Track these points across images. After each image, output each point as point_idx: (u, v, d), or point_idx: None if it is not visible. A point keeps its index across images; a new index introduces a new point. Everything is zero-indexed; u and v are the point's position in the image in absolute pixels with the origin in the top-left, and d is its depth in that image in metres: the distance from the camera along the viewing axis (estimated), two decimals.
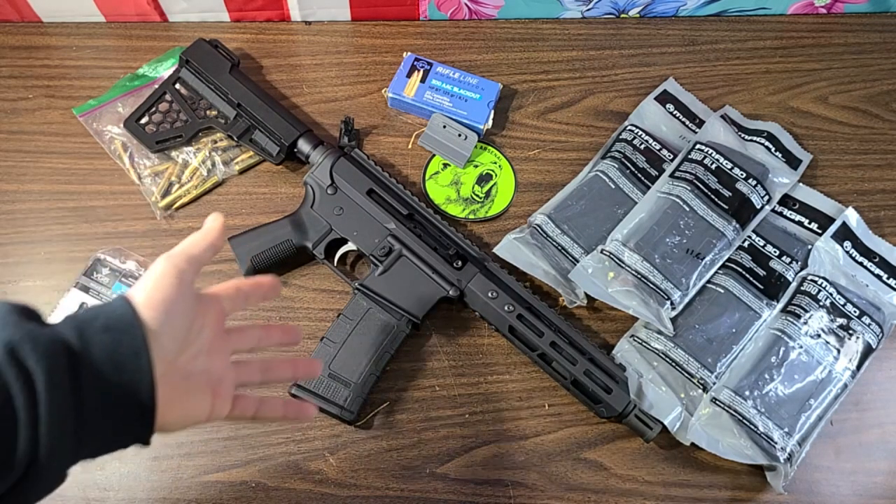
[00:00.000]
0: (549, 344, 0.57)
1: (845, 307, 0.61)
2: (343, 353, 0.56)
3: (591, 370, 0.56)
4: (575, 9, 0.77)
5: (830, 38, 0.80)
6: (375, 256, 0.59)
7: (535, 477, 0.56)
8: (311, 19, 0.75)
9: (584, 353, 0.57)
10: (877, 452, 0.59)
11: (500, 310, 0.57)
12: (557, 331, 0.57)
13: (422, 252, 0.59)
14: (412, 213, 0.61)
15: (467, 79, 0.70)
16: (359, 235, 0.60)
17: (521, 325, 0.57)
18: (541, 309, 0.58)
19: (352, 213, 0.60)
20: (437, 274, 0.58)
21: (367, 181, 0.61)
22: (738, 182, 0.65)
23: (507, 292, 0.58)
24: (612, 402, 0.55)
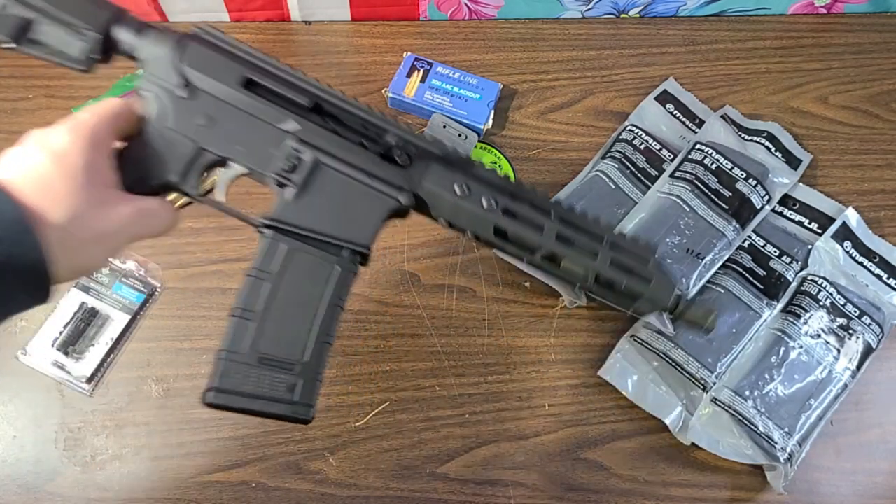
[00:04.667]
0: (554, 237, 0.43)
1: (845, 307, 0.61)
2: (270, 325, 0.39)
3: (618, 258, 0.44)
4: (575, 9, 0.77)
5: (830, 38, 0.80)
6: (280, 175, 0.40)
7: (535, 477, 0.56)
8: (311, 19, 0.75)
9: (601, 238, 0.45)
10: (877, 452, 0.59)
11: (477, 208, 0.42)
12: (560, 219, 0.44)
13: (347, 153, 0.41)
14: (318, 103, 0.42)
15: (467, 79, 0.70)
16: (246, 150, 0.41)
17: (511, 222, 0.43)
18: (530, 195, 0.44)
19: (227, 119, 0.41)
20: (377, 178, 0.41)
21: (239, 67, 0.41)
22: (739, 182, 0.65)
23: (481, 182, 0.43)
24: (656, 293, 0.44)
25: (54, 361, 0.56)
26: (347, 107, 0.42)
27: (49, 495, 0.53)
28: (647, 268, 0.45)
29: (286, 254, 0.40)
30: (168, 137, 0.40)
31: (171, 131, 0.40)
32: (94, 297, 0.58)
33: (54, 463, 0.53)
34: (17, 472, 0.53)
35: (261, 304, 0.39)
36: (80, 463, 0.54)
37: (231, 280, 0.61)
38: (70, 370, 0.56)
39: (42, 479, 0.53)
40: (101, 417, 0.55)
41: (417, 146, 0.43)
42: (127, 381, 0.57)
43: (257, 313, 0.39)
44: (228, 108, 0.41)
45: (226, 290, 0.60)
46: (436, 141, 0.44)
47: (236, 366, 0.38)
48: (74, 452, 0.54)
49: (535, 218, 0.43)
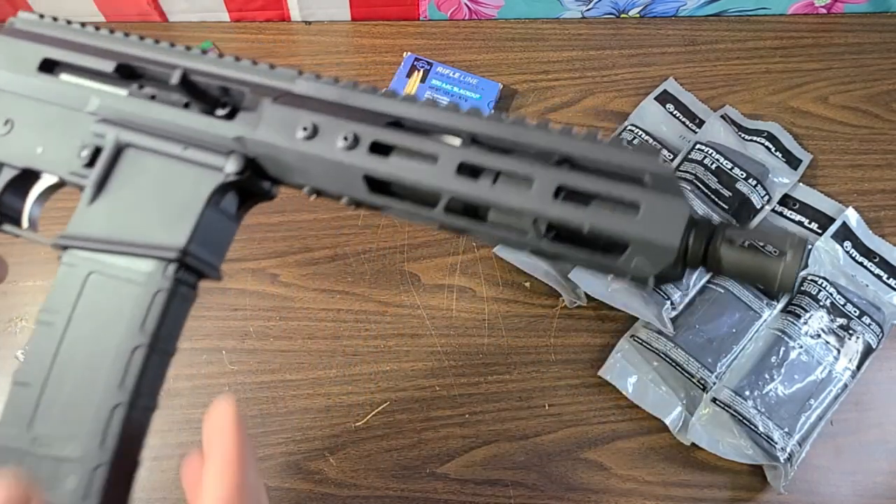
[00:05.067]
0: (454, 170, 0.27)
1: (845, 307, 0.61)
2: (52, 391, 0.27)
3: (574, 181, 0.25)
4: (575, 9, 0.77)
5: (830, 38, 0.80)
6: (74, 173, 0.31)
7: (535, 477, 0.56)
8: (311, 19, 0.75)
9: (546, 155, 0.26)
10: (877, 452, 0.59)
11: (332, 151, 0.28)
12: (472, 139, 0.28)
13: (161, 123, 0.30)
14: (126, 65, 0.31)
15: (467, 79, 0.70)
16: (46, 151, 0.32)
17: (385, 161, 0.28)
18: (417, 110, 0.28)
19: (25, 117, 0.32)
20: (193, 146, 0.29)
21: (39, 48, 0.33)
22: (738, 182, 0.65)
23: (337, 109, 0.29)
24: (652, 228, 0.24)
25: None
26: (170, 59, 0.32)
27: None
28: (631, 188, 0.25)
29: (81, 279, 0.28)
30: None
31: None
32: None
33: None
34: None
35: (46, 361, 0.27)
36: None
37: (232, 280, 0.61)
38: None
39: None
40: None
41: (240, 81, 0.31)
42: None
43: (40, 374, 0.27)
44: (26, 102, 0.33)
45: (226, 290, 0.60)
46: (278, 71, 0.31)
47: (6, 451, 0.26)
48: None
49: (423, 146, 0.27)
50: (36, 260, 0.61)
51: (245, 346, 0.58)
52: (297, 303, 0.61)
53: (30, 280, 0.60)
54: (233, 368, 0.57)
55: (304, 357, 0.58)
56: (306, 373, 0.58)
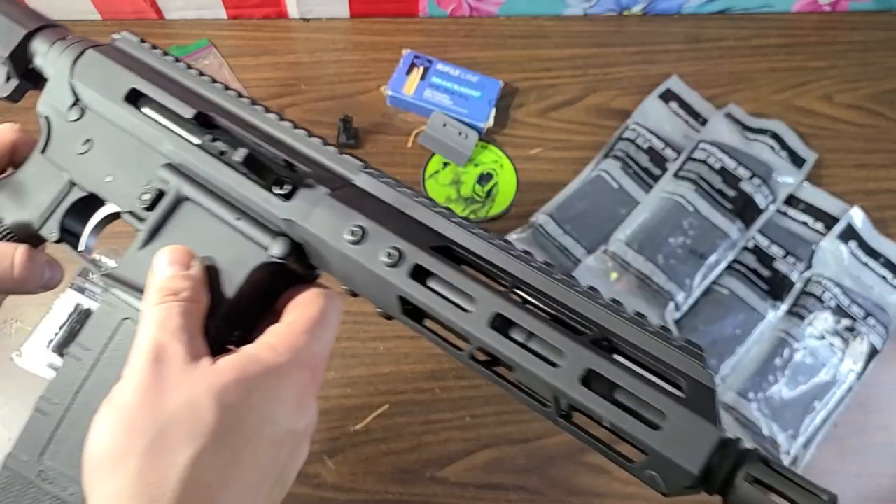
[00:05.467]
0: (487, 322, 0.25)
1: (850, 308, 0.61)
2: (68, 427, 0.28)
3: (604, 370, 0.24)
4: (577, 6, 0.76)
5: (835, 36, 0.79)
6: (133, 213, 0.32)
7: (537, 481, 0.55)
8: (309, 16, 0.74)
9: (588, 326, 0.26)
10: (882, 455, 0.58)
11: (371, 262, 0.27)
12: (516, 286, 0.27)
13: (222, 182, 0.30)
14: (205, 114, 0.31)
15: (468, 76, 0.69)
16: (115, 181, 0.32)
17: (423, 290, 0.27)
18: (469, 241, 0.28)
19: (105, 142, 0.33)
20: (247, 218, 0.30)
21: (129, 77, 0.33)
22: (743, 181, 0.64)
23: (386, 224, 0.28)
24: (672, 449, 0.23)
25: (50, 363, 0.55)
26: (247, 116, 0.32)
27: None
28: (662, 396, 0.23)
29: (116, 323, 0.29)
30: (45, 170, 0.33)
31: (49, 162, 0.33)
32: (89, 298, 0.58)
33: None
34: None
35: (68, 395, 0.28)
36: None
37: None
38: None
39: None
40: None
41: (317, 166, 0.30)
42: None
43: (59, 406, 0.28)
44: (107, 127, 0.33)
45: None
46: (345, 159, 0.31)
47: (15, 477, 0.27)
48: None
49: (464, 285, 0.26)
50: None
51: None
52: None
53: None
54: None
55: None
56: None
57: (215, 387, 0.25)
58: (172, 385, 0.25)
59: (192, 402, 0.24)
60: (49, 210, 0.33)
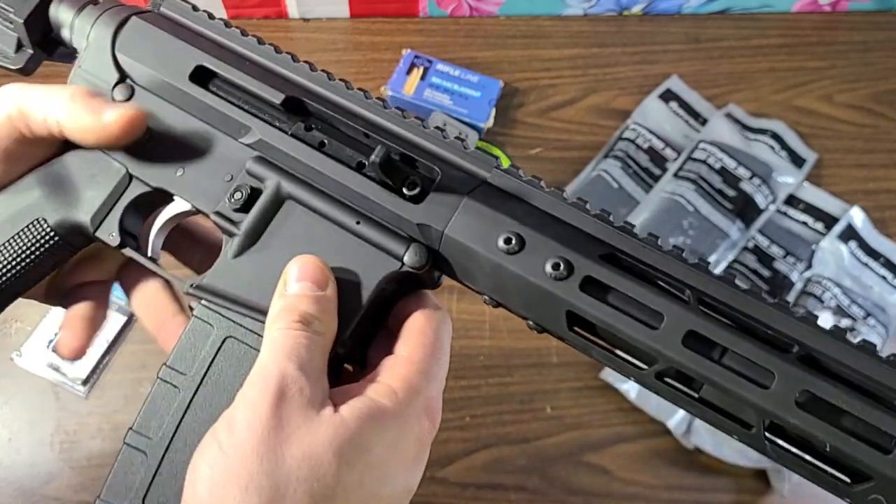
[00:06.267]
0: (681, 339, 0.23)
1: (850, 308, 0.61)
2: (171, 464, 0.25)
3: (822, 389, 0.22)
4: (577, 6, 0.76)
5: (835, 36, 0.79)
6: (223, 214, 0.27)
7: (537, 481, 0.55)
8: (309, 16, 0.74)
9: (788, 344, 0.23)
10: None
11: (535, 275, 0.24)
12: (701, 300, 0.24)
13: (331, 181, 0.27)
14: (297, 99, 0.28)
15: (468, 76, 0.69)
16: (188, 174, 0.28)
17: (600, 306, 0.24)
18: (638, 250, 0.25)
19: (169, 129, 0.29)
20: (370, 222, 0.26)
21: (193, 52, 0.29)
22: (743, 181, 0.64)
23: (546, 226, 0.25)
24: None
25: (49, 363, 0.55)
26: (346, 103, 0.28)
27: (45, 498, 0.52)
28: (889, 417, 0.21)
29: (215, 343, 0.25)
30: (92, 160, 0.29)
31: (89, 153, 0.29)
32: None
33: (50, 466, 0.53)
34: (12, 475, 0.52)
35: (165, 427, 0.25)
36: (76, 465, 0.53)
37: None
38: (65, 372, 0.55)
39: (38, 482, 0.52)
40: (96, 420, 0.54)
41: (445, 163, 0.27)
42: (123, 382, 0.56)
43: (155, 441, 0.25)
44: (173, 112, 0.29)
45: None
46: (472, 158, 0.27)
47: None
48: (70, 455, 0.53)
49: (647, 298, 0.24)
50: None
51: None
52: None
53: None
54: None
55: None
56: None
57: (338, 441, 0.22)
58: (293, 432, 0.21)
59: (313, 456, 0.21)
60: (105, 209, 0.28)
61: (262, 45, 0.30)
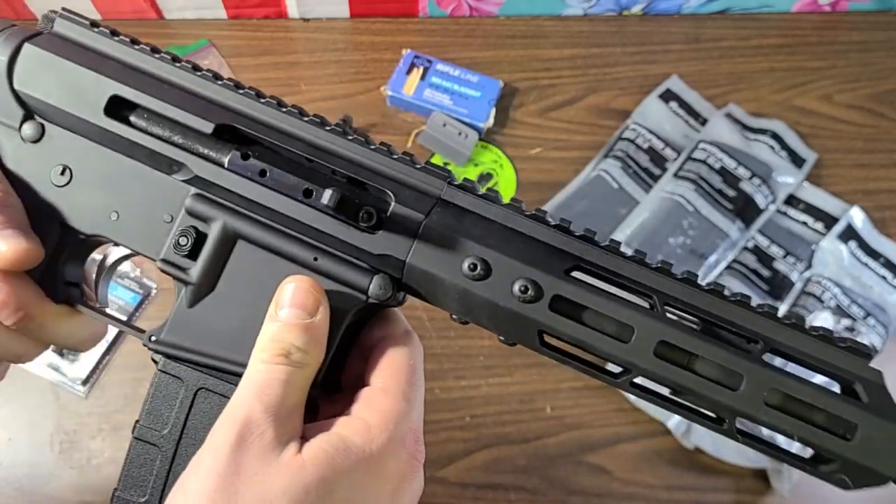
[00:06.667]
0: (651, 349, 0.24)
1: (850, 308, 0.61)
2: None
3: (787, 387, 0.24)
4: (577, 6, 0.76)
5: (835, 36, 0.79)
6: (171, 262, 0.26)
7: (537, 481, 0.55)
8: (309, 16, 0.74)
9: (750, 338, 0.25)
10: None
11: (504, 298, 0.25)
12: (667, 303, 0.25)
13: (280, 215, 0.26)
14: (229, 126, 0.26)
15: (468, 76, 0.69)
16: (123, 217, 0.27)
17: (567, 322, 0.25)
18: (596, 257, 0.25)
19: (91, 170, 0.27)
20: (327, 256, 0.26)
21: (102, 80, 0.26)
22: (743, 181, 0.64)
23: (506, 251, 0.25)
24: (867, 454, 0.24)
25: (49, 363, 0.55)
26: (282, 125, 0.26)
27: (45, 498, 0.52)
28: (850, 406, 0.24)
29: (187, 396, 0.25)
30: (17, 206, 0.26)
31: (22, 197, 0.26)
32: None
33: (50, 466, 0.53)
34: (12, 476, 0.52)
35: (150, 490, 0.25)
36: (76, 466, 0.53)
37: None
38: (65, 372, 0.55)
39: (38, 483, 0.52)
40: (96, 420, 0.54)
41: (379, 175, 0.26)
42: (123, 382, 0.56)
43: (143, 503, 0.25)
44: (93, 150, 0.26)
45: None
46: (427, 170, 0.26)
47: None
48: (70, 455, 0.53)
49: (614, 311, 0.24)
50: None
51: None
52: None
53: None
54: None
55: None
56: None
57: (294, 487, 0.21)
58: (249, 478, 0.21)
59: (265, 502, 0.21)
60: (49, 269, 0.26)
61: (177, 63, 0.27)
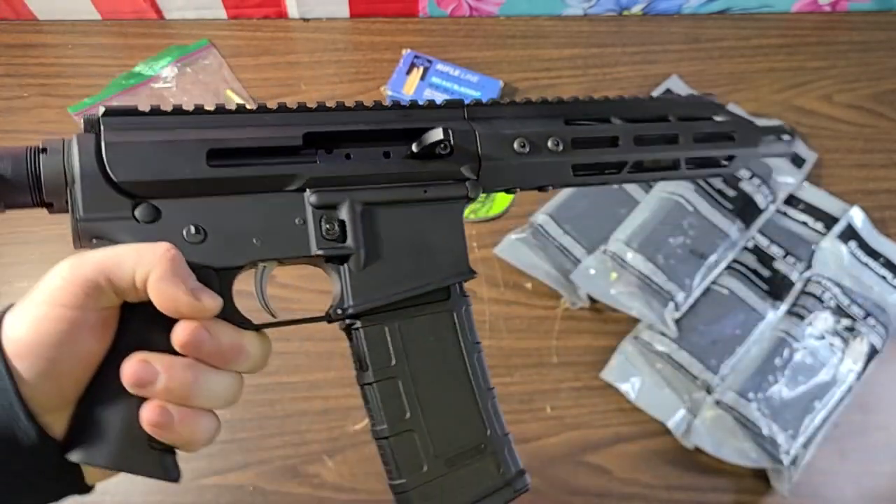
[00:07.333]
0: (632, 143, 0.37)
1: (850, 308, 0.61)
2: (433, 422, 0.32)
3: (697, 129, 0.39)
4: (577, 5, 0.76)
5: (835, 37, 0.79)
6: (327, 248, 0.31)
7: (537, 481, 0.55)
8: (309, 16, 0.74)
9: (664, 117, 0.39)
10: (882, 455, 0.58)
11: (547, 156, 0.36)
12: (623, 118, 0.38)
13: (382, 177, 0.32)
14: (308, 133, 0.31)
15: (468, 76, 0.69)
16: (264, 239, 0.31)
17: (586, 152, 0.36)
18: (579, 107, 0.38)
19: (220, 218, 0.30)
20: (433, 185, 0.33)
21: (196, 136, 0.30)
22: (743, 181, 0.64)
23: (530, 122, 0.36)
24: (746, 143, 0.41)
25: None
26: (341, 116, 0.33)
27: None
28: (721, 122, 0.40)
29: (394, 334, 0.32)
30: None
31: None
32: None
33: None
34: None
35: (409, 407, 0.31)
36: None
37: None
38: None
39: None
40: None
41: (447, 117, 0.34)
42: None
43: (411, 420, 0.31)
44: (211, 202, 0.29)
45: None
46: (451, 102, 0.35)
47: (429, 487, 0.31)
48: None
49: (603, 132, 0.37)
50: (30, 260, 0.60)
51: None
52: (295, 304, 0.60)
53: (24, 281, 0.59)
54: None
55: (301, 359, 0.58)
56: (304, 375, 0.57)
57: None
58: None
59: None
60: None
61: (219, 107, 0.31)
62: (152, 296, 0.27)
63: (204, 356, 0.28)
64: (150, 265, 0.27)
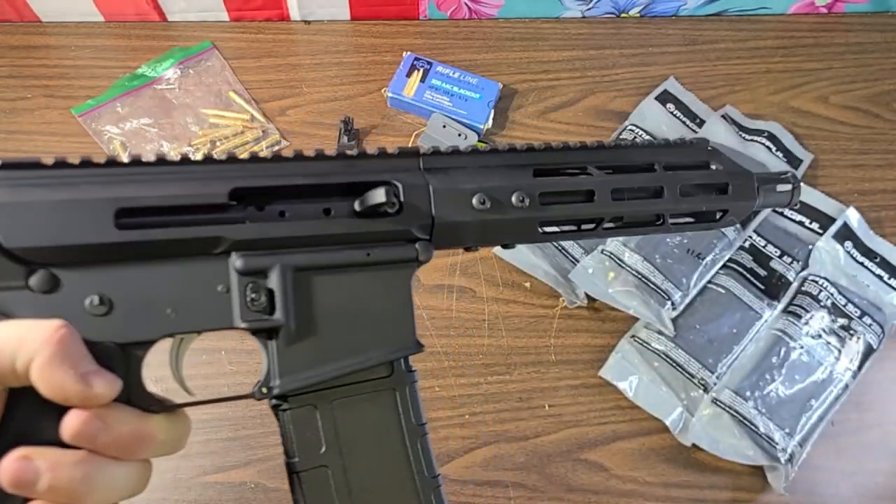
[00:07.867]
0: (610, 196, 0.33)
1: (846, 307, 0.61)
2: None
3: (684, 181, 0.35)
4: (575, 8, 0.77)
5: (831, 38, 0.80)
6: (251, 320, 0.28)
7: (536, 478, 0.56)
8: (310, 19, 0.75)
9: (651, 166, 0.35)
10: (877, 453, 0.59)
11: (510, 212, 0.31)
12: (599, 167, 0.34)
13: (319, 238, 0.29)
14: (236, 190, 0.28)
15: (467, 78, 0.70)
16: (180, 310, 0.27)
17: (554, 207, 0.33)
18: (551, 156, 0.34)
19: (128, 286, 0.26)
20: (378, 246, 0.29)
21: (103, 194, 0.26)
22: None
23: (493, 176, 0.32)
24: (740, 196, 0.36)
25: None
26: (276, 168, 0.28)
27: None
28: (714, 172, 0.36)
29: (326, 417, 0.28)
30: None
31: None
32: None
33: None
34: None
35: (339, 501, 0.28)
36: None
37: None
38: None
39: None
40: None
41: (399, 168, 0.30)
42: None
43: None
44: (120, 269, 0.26)
45: None
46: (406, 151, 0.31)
47: None
48: None
49: (576, 185, 0.33)
50: None
51: (244, 347, 0.58)
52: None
53: None
54: (232, 369, 0.57)
55: None
56: None
57: None
58: None
59: None
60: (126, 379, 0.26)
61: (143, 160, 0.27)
62: (36, 383, 0.23)
63: (100, 448, 0.25)
64: (33, 350, 0.23)
